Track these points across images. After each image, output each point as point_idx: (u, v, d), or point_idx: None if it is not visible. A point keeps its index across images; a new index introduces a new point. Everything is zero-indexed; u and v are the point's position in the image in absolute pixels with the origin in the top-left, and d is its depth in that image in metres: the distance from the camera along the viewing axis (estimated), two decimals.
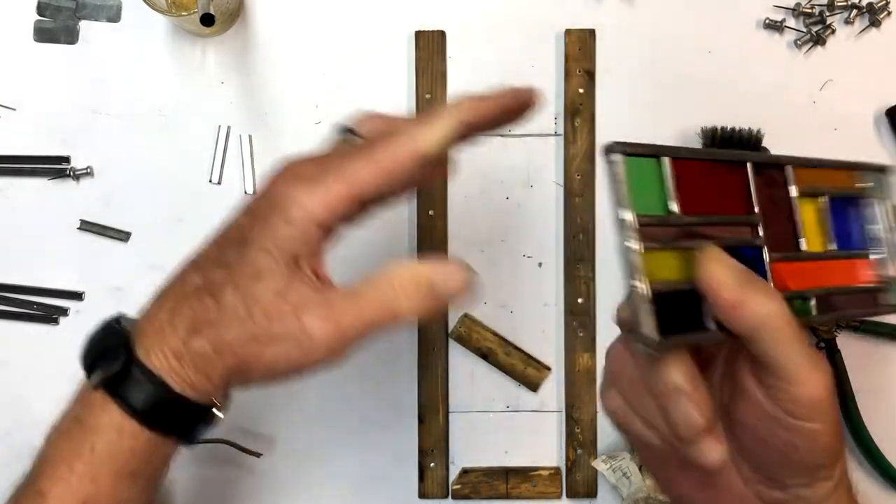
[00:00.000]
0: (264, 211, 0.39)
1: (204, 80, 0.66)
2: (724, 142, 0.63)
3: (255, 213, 0.40)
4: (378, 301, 0.38)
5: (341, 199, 0.38)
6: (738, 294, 0.34)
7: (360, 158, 0.39)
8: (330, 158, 0.41)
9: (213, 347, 0.38)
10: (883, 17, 0.65)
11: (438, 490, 0.64)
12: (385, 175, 0.39)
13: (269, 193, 0.40)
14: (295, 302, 0.38)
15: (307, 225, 0.38)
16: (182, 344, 0.38)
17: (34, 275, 0.65)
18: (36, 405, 0.65)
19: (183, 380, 0.39)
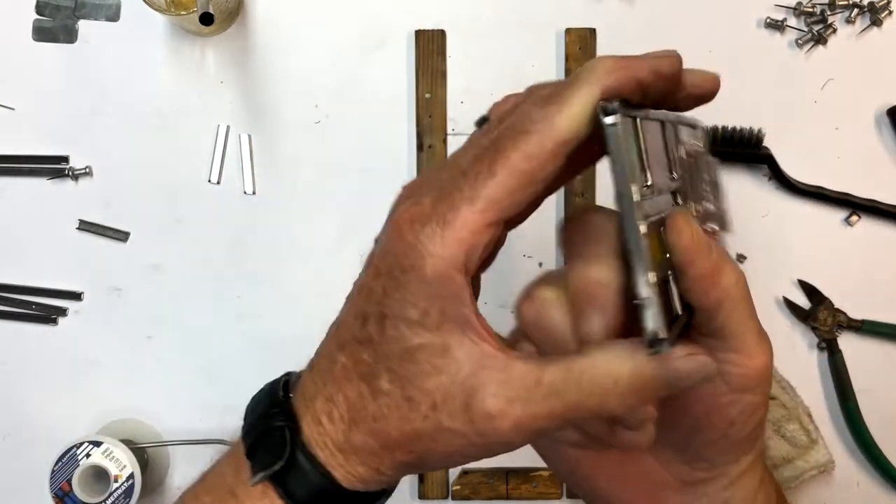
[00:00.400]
0: (393, 271, 0.31)
1: (203, 80, 0.65)
2: (724, 141, 0.63)
3: (383, 274, 0.31)
4: (581, 392, 0.30)
5: (479, 232, 0.30)
6: (715, 262, 0.32)
7: (486, 167, 0.30)
8: (451, 177, 0.31)
9: (379, 443, 0.32)
10: (884, 17, 0.65)
11: (438, 491, 0.64)
12: (523, 182, 0.30)
13: (391, 246, 0.31)
14: (462, 380, 0.30)
15: (448, 277, 0.30)
16: (343, 438, 0.33)
17: (33, 275, 0.65)
18: (35, 405, 0.65)
19: (349, 473, 0.33)
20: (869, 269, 0.65)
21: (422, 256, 0.30)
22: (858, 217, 0.65)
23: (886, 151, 0.65)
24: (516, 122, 0.30)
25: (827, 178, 0.65)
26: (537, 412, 0.29)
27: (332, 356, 0.33)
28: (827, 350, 0.64)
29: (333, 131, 0.65)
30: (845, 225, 0.65)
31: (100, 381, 0.65)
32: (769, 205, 0.65)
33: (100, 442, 0.59)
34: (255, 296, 0.65)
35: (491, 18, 0.66)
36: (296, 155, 0.65)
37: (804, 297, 0.65)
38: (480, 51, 0.65)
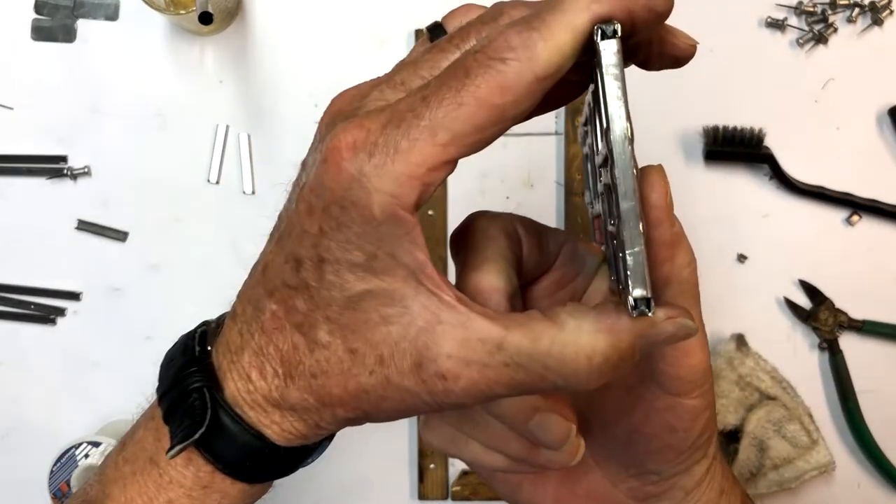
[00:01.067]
0: (331, 208, 0.26)
1: (202, 79, 0.65)
2: (725, 141, 0.63)
3: (318, 211, 0.27)
4: (548, 368, 0.26)
5: (436, 169, 0.25)
6: (677, 233, 0.29)
7: (453, 95, 0.25)
8: (408, 100, 0.26)
9: (319, 400, 0.28)
10: (885, 16, 0.65)
11: (438, 491, 0.64)
12: (493, 117, 0.25)
13: (328, 178, 0.26)
14: (414, 334, 0.26)
15: (398, 217, 0.26)
16: (278, 395, 0.29)
17: (31, 275, 0.65)
18: (33, 406, 0.65)
19: (285, 431, 0.30)
20: (870, 269, 0.65)
21: (367, 192, 0.25)
22: (859, 217, 0.64)
23: (888, 151, 0.65)
24: (490, 46, 0.25)
25: (828, 177, 0.64)
26: (495, 379, 0.26)
27: (260, 303, 0.29)
28: (828, 350, 0.64)
29: None
30: (846, 225, 0.65)
31: (98, 382, 0.65)
32: (770, 205, 0.64)
33: (98, 442, 0.59)
34: None
35: None
36: (295, 154, 0.65)
37: (805, 297, 0.64)
38: None
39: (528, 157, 0.65)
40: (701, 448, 0.33)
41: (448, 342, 0.26)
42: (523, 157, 0.65)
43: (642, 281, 0.25)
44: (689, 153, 0.65)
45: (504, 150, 0.64)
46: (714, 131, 0.63)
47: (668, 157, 0.65)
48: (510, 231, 0.31)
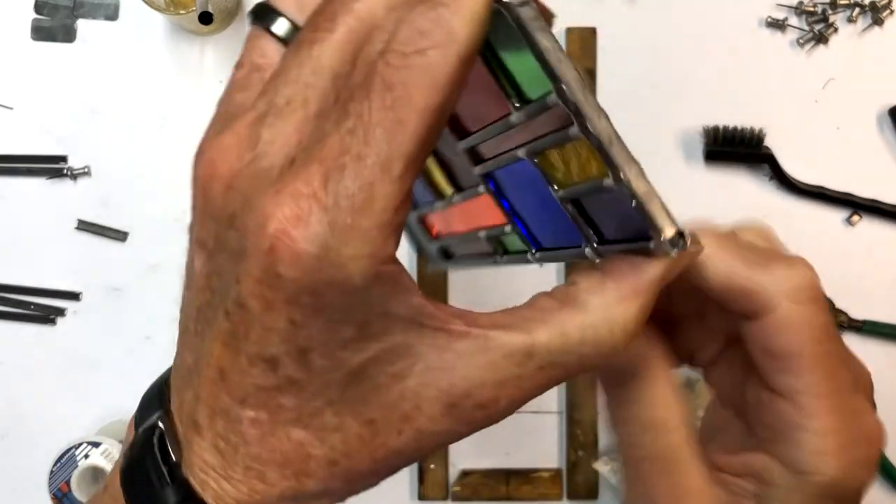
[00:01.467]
0: (301, 298, 0.22)
1: (202, 79, 0.65)
2: (725, 141, 0.63)
3: (280, 304, 0.22)
4: (584, 355, 0.24)
5: (402, 207, 0.21)
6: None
7: (384, 115, 0.21)
8: (327, 138, 0.21)
9: (344, 481, 0.25)
10: (885, 16, 0.65)
11: (439, 492, 0.64)
12: (435, 122, 0.21)
13: (285, 268, 0.21)
14: (436, 378, 0.23)
15: (381, 274, 0.22)
16: (292, 494, 0.24)
17: (31, 275, 0.65)
18: (33, 406, 0.65)
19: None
20: (870, 270, 0.65)
21: (341, 266, 0.21)
22: (860, 217, 0.64)
23: (888, 151, 0.65)
24: (397, 41, 0.21)
25: (828, 177, 0.64)
26: (534, 385, 0.24)
27: (231, 413, 0.24)
28: None
29: None
30: (847, 225, 0.65)
31: (98, 382, 0.65)
32: (770, 205, 0.64)
33: (98, 443, 0.59)
34: None
35: None
36: None
37: None
38: None
39: None
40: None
41: (475, 372, 0.23)
42: None
43: (665, 214, 0.22)
44: (689, 153, 0.65)
45: None
46: (714, 131, 0.63)
47: (669, 157, 0.65)
48: None
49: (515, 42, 0.23)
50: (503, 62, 0.24)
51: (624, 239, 0.24)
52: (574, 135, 0.23)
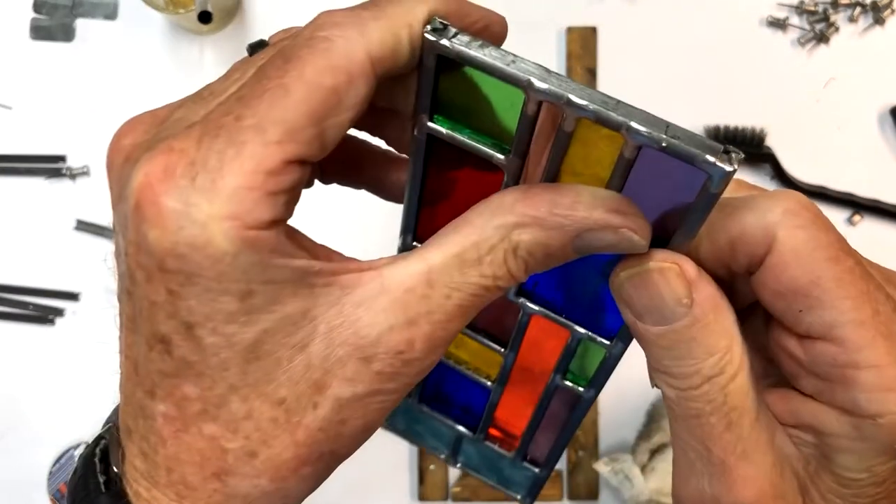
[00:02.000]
0: (166, 262, 0.21)
1: (202, 78, 0.65)
2: (727, 141, 0.63)
3: (155, 272, 0.21)
4: (493, 263, 0.22)
5: (277, 172, 0.21)
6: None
7: (276, 83, 0.21)
8: (219, 105, 0.22)
9: (271, 478, 0.23)
10: (887, 15, 0.65)
11: (438, 493, 0.64)
12: (329, 102, 0.21)
13: (149, 226, 0.21)
14: (340, 337, 0.22)
15: (251, 241, 0.21)
16: (221, 496, 0.23)
17: (30, 275, 0.64)
18: (32, 407, 0.65)
19: None
20: None
21: (202, 224, 0.20)
22: (861, 217, 0.64)
23: (889, 151, 0.65)
24: (312, 24, 0.22)
25: (829, 177, 0.64)
26: (447, 317, 0.22)
27: (146, 409, 0.23)
28: None
29: None
30: (848, 225, 0.65)
31: (97, 382, 0.65)
32: None
33: None
34: None
35: None
36: None
37: None
38: None
39: None
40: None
41: (380, 317, 0.22)
42: None
43: (700, 140, 0.21)
44: None
45: None
46: (715, 131, 0.63)
47: None
48: None
49: (471, 84, 0.23)
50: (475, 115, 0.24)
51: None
52: (569, 127, 0.22)
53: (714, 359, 0.23)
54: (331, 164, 0.27)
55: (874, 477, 0.23)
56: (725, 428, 0.23)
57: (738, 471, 0.23)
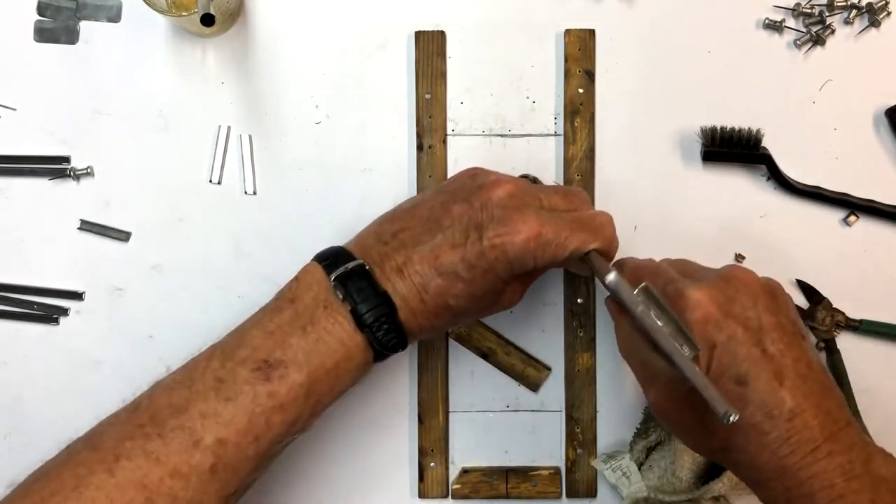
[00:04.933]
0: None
1: (204, 81, 0.66)
2: (723, 142, 0.63)
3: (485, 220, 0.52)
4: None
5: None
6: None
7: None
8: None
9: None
10: (882, 18, 0.65)
11: (438, 490, 0.64)
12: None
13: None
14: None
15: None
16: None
17: (34, 275, 0.65)
18: (36, 405, 0.65)
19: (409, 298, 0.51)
20: (867, 269, 0.65)
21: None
22: (857, 217, 0.65)
23: (885, 152, 0.65)
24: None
25: (825, 178, 0.65)
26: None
27: (428, 275, 0.50)
28: (826, 350, 0.65)
29: (333, 131, 0.66)
30: (844, 225, 0.65)
31: (101, 381, 0.65)
32: (767, 205, 0.65)
33: None
34: (256, 295, 0.65)
35: (491, 19, 0.66)
36: (296, 155, 0.66)
37: (803, 297, 0.65)
38: (480, 51, 0.66)
39: (527, 157, 0.65)
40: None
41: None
42: (523, 157, 0.65)
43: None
44: (686, 154, 0.65)
45: (504, 150, 0.65)
46: (712, 132, 0.63)
47: (666, 158, 0.65)
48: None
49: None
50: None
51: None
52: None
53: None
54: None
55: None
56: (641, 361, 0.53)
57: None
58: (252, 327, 0.51)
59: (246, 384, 0.47)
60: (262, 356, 0.48)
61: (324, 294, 0.50)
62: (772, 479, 0.46)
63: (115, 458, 0.46)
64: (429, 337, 0.53)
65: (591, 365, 0.64)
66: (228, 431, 0.46)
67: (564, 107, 0.65)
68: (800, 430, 0.45)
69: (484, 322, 0.65)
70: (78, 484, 0.45)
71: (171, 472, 0.46)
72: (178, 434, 0.46)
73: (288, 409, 0.48)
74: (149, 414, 0.48)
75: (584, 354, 0.64)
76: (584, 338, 0.64)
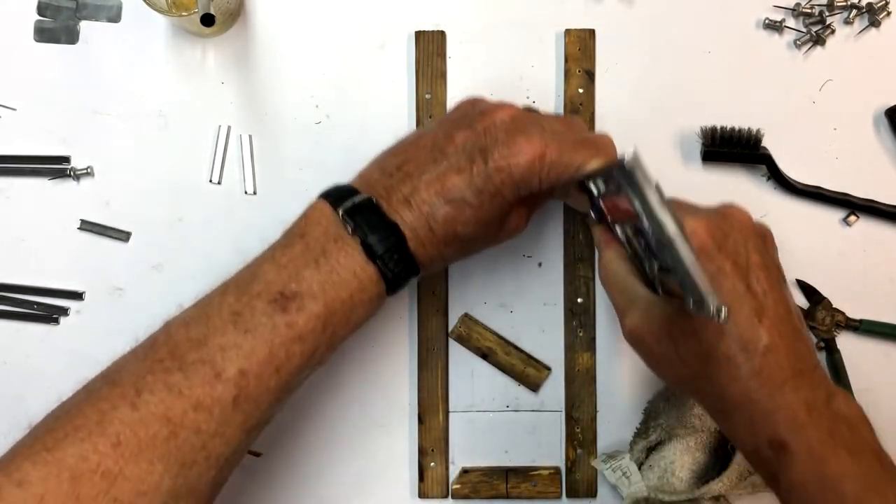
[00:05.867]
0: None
1: (204, 80, 0.66)
2: (723, 142, 0.63)
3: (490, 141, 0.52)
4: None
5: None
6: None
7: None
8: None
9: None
10: (882, 18, 0.65)
11: (438, 490, 0.64)
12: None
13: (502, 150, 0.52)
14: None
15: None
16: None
17: (34, 275, 0.65)
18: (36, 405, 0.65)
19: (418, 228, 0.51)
20: (867, 269, 0.65)
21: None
22: (857, 217, 0.65)
23: (885, 152, 0.65)
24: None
25: (825, 178, 0.65)
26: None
27: (436, 204, 0.50)
28: (826, 349, 0.65)
29: (334, 131, 0.66)
30: (844, 225, 0.65)
31: None
32: (767, 205, 0.65)
33: None
34: None
35: (491, 19, 0.66)
36: (296, 155, 0.66)
37: (803, 296, 0.65)
38: (480, 52, 0.66)
39: None
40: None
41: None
42: None
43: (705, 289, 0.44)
44: (686, 154, 0.65)
45: None
46: (712, 132, 0.63)
47: (666, 158, 0.65)
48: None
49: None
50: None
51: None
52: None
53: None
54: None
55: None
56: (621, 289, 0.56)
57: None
58: (264, 262, 0.51)
59: (264, 316, 0.47)
60: (278, 289, 0.48)
61: (333, 228, 0.50)
62: (737, 409, 0.49)
63: (137, 392, 0.46)
64: (439, 267, 0.54)
65: (591, 365, 0.64)
66: (250, 363, 0.46)
67: (564, 107, 0.65)
68: (771, 366, 0.48)
69: (484, 322, 0.65)
70: (101, 419, 0.45)
71: (194, 404, 0.45)
72: (199, 367, 0.46)
73: (306, 340, 0.48)
74: (167, 349, 0.48)
75: (584, 354, 0.64)
76: (584, 338, 0.64)
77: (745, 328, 0.48)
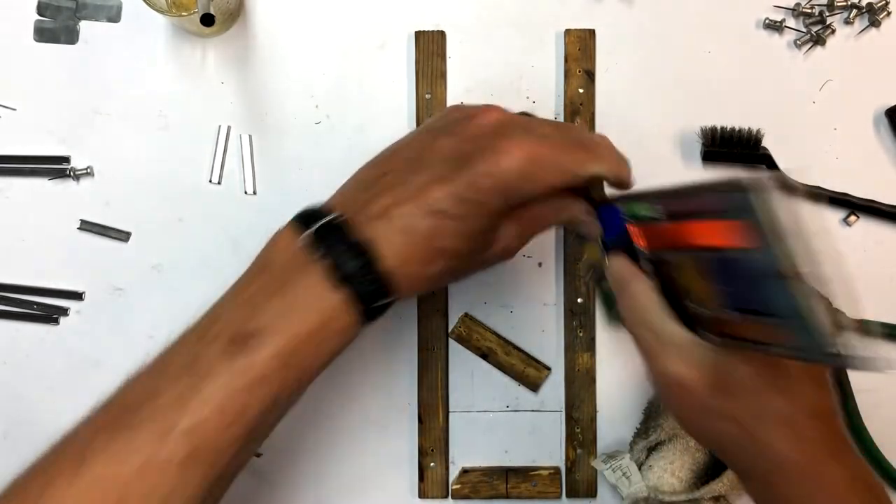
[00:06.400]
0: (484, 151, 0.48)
1: (204, 80, 0.66)
2: (723, 142, 0.63)
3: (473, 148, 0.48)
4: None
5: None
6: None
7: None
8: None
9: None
10: (882, 18, 0.65)
11: (438, 490, 0.64)
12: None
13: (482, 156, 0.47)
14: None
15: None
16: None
17: (34, 275, 0.65)
18: (35, 405, 0.65)
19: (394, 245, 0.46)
20: (867, 269, 0.65)
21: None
22: (857, 217, 0.65)
23: (885, 152, 0.65)
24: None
25: (825, 178, 0.65)
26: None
27: (415, 217, 0.45)
28: None
29: (334, 131, 0.66)
30: (844, 225, 0.65)
31: (101, 381, 0.65)
32: None
33: None
34: None
35: (491, 19, 0.66)
36: (296, 155, 0.66)
37: None
38: (480, 51, 0.66)
39: None
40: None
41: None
42: None
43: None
44: (686, 154, 0.65)
45: None
46: (712, 132, 0.63)
47: (666, 158, 0.65)
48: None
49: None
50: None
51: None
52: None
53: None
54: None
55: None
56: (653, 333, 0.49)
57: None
58: (225, 300, 0.48)
59: (220, 359, 0.44)
60: (235, 328, 0.45)
61: (296, 255, 0.46)
62: (779, 472, 0.46)
63: (80, 460, 0.42)
64: (424, 289, 0.48)
65: (591, 365, 0.64)
66: (204, 413, 0.43)
67: (564, 107, 0.65)
68: (828, 433, 0.46)
69: (484, 322, 0.65)
70: (42, 494, 0.42)
71: (141, 465, 0.42)
72: (148, 424, 0.43)
73: (271, 381, 0.44)
74: (120, 406, 0.45)
75: (584, 354, 0.64)
76: (584, 338, 0.64)
77: (812, 392, 0.46)
